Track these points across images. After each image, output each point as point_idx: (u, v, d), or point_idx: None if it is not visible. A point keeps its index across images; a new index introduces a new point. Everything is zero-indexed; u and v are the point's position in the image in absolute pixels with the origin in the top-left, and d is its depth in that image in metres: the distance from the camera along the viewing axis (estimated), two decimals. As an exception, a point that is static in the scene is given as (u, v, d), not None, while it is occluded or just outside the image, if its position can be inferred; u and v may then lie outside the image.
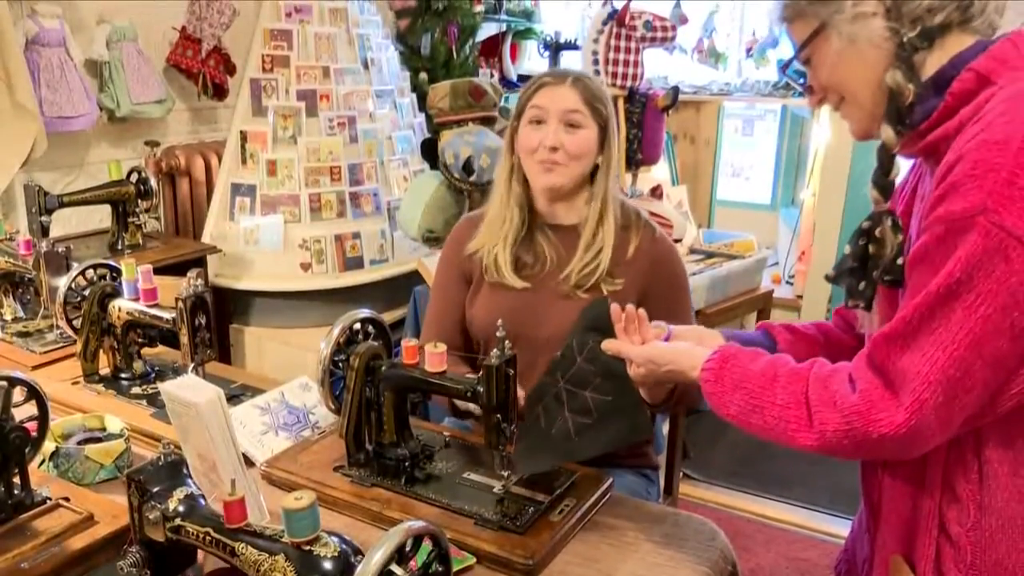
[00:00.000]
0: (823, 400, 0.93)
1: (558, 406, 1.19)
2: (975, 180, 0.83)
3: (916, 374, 0.86)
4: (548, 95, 1.48)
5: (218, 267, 2.87)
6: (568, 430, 1.18)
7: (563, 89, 1.47)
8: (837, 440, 0.91)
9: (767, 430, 0.97)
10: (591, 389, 1.17)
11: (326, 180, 2.89)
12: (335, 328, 1.29)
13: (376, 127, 3.05)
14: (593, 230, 1.49)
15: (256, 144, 2.90)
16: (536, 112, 1.48)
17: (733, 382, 1.00)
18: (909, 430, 0.86)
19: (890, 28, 0.93)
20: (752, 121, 4.43)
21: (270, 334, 2.90)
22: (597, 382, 1.16)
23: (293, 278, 2.86)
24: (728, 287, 3.07)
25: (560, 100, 1.47)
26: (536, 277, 1.52)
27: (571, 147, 1.46)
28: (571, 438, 1.18)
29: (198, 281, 1.47)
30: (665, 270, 1.52)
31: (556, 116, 1.46)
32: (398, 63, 3.34)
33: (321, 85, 2.92)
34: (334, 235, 2.88)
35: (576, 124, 1.47)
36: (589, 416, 1.17)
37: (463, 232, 1.60)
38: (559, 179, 1.47)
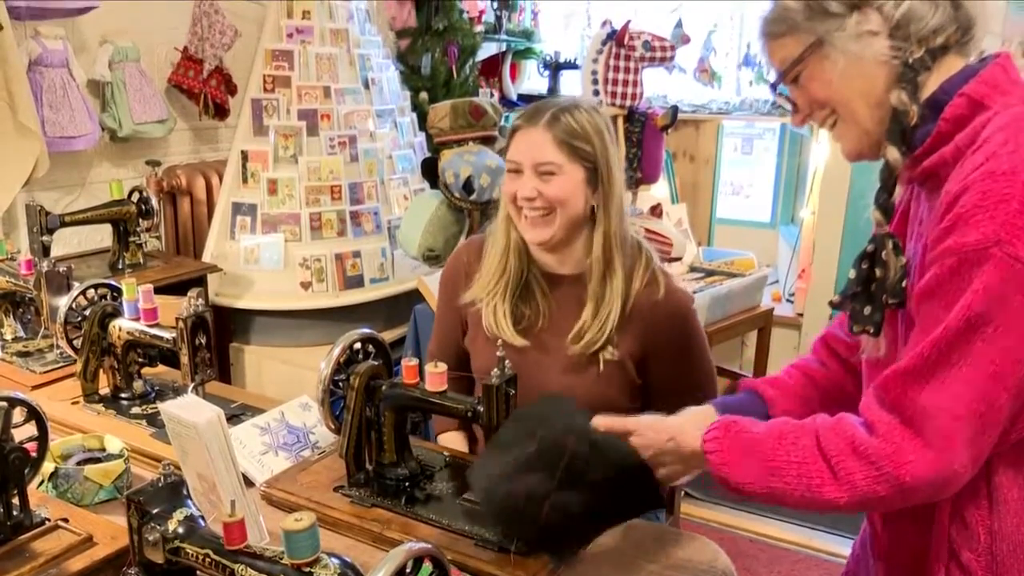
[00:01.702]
0: (840, 449, 0.90)
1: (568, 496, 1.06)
2: (986, 211, 0.83)
3: (940, 410, 0.85)
4: (521, 143, 1.39)
5: (218, 286, 2.88)
6: (586, 515, 1.07)
7: (535, 134, 1.36)
8: (870, 489, 0.88)
9: (790, 493, 0.92)
10: (593, 472, 1.05)
11: (327, 199, 2.90)
12: (335, 347, 1.30)
13: (377, 146, 3.06)
14: (599, 285, 1.38)
15: (257, 163, 2.91)
16: (512, 165, 1.40)
17: (742, 449, 0.96)
18: (943, 467, 0.85)
19: (894, 47, 0.91)
20: (751, 140, 4.45)
21: (270, 353, 2.89)
22: (598, 467, 1.06)
23: (293, 297, 2.86)
24: (728, 305, 3.07)
25: (531, 148, 1.37)
26: (533, 333, 1.44)
27: (549, 195, 1.36)
28: (588, 524, 1.09)
29: (198, 300, 1.47)
30: (668, 337, 1.40)
31: (529, 167, 1.37)
32: (398, 83, 3.36)
33: (322, 105, 2.94)
34: (334, 254, 2.89)
35: (550, 172, 1.36)
36: (604, 503, 1.07)
37: (459, 266, 1.54)
38: (546, 232, 1.38)
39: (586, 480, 1.05)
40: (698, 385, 1.39)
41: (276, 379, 2.84)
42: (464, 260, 1.56)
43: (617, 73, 3.02)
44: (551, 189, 1.37)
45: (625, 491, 1.07)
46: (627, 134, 3.23)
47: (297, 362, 2.80)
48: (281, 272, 2.86)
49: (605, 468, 1.05)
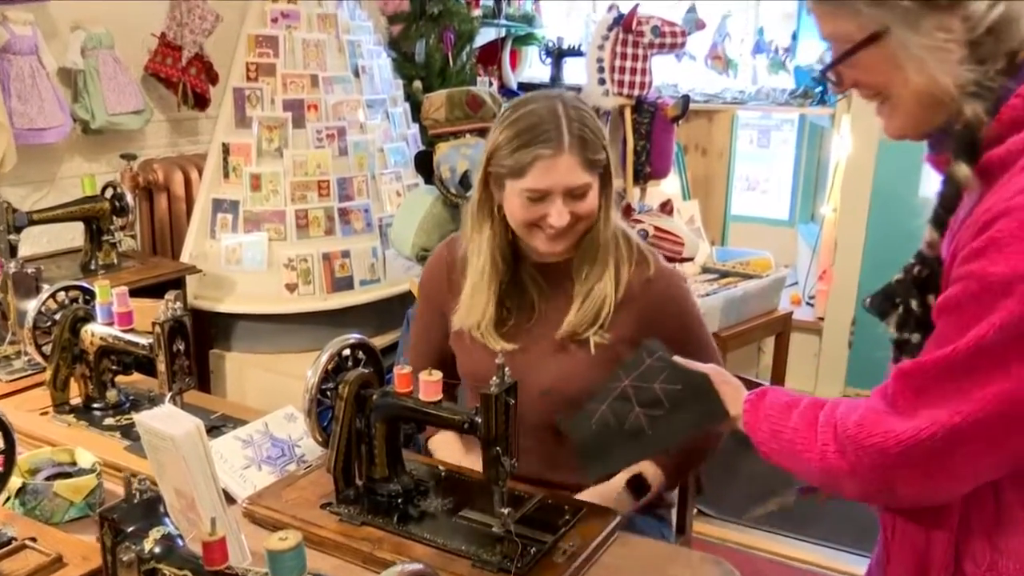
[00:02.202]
0: (827, 421, 1.00)
1: (626, 404, 1.21)
2: (1021, 242, 0.82)
3: (925, 416, 0.90)
4: (548, 172, 1.35)
5: (198, 288, 2.88)
6: (641, 425, 1.20)
7: (564, 161, 1.34)
8: (836, 460, 0.97)
9: (782, 454, 1.06)
10: (660, 382, 1.20)
11: (313, 195, 2.91)
12: (323, 354, 1.30)
13: (367, 139, 3.07)
14: (593, 280, 1.43)
15: (239, 157, 2.91)
16: (535, 194, 1.36)
17: (764, 412, 1.10)
18: (911, 442, 0.90)
19: (974, 55, 0.89)
20: (768, 131, 4.45)
21: (253, 360, 2.90)
22: (664, 375, 1.21)
23: (278, 300, 2.87)
24: (744, 309, 3.07)
25: (562, 176, 1.35)
26: (522, 331, 1.46)
27: (583, 212, 1.38)
28: (645, 432, 1.20)
29: (176, 304, 1.48)
30: (664, 315, 1.44)
31: (559, 193, 1.36)
32: (391, 71, 3.37)
33: (309, 94, 2.95)
34: (322, 254, 2.89)
35: (583, 193, 1.38)
36: (660, 407, 1.20)
37: (440, 266, 1.55)
38: (566, 243, 1.41)
39: (654, 383, 1.20)
40: (708, 359, 1.40)
41: (259, 388, 2.84)
42: (445, 260, 1.56)
43: (624, 61, 3.02)
44: (583, 207, 1.39)
45: (690, 401, 1.19)
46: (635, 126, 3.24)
47: (282, 370, 2.80)
48: (265, 273, 2.86)
49: (672, 377, 1.20)
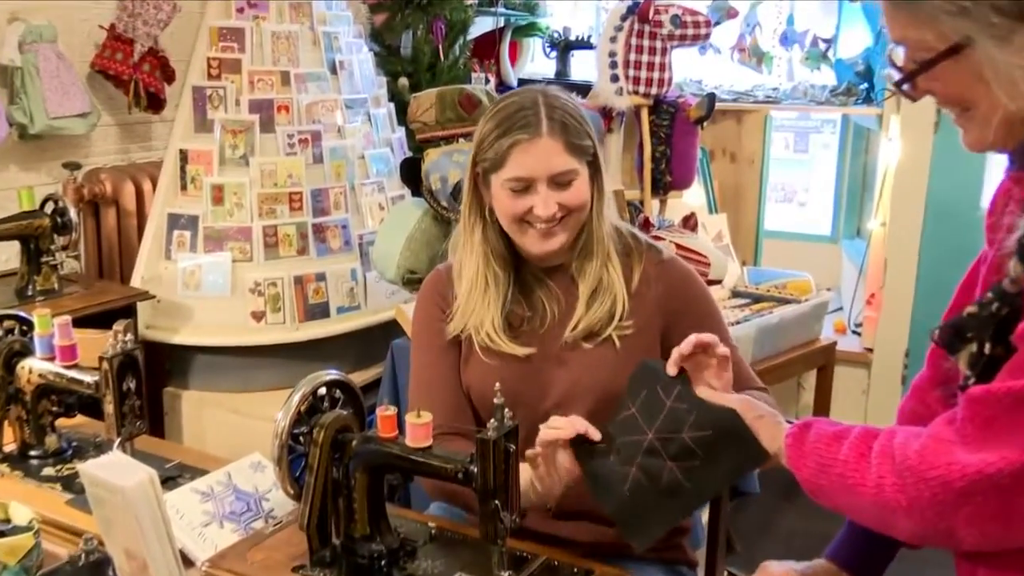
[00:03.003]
0: (883, 451, 1.02)
1: (655, 460, 1.24)
2: None
3: (994, 449, 0.91)
4: (528, 159, 1.44)
5: (151, 317, 2.89)
6: (678, 480, 1.23)
7: (543, 144, 1.44)
8: (893, 493, 0.98)
9: (832, 490, 1.08)
10: (688, 429, 1.23)
11: (284, 209, 2.92)
12: (295, 393, 1.30)
13: (346, 145, 3.09)
14: (597, 276, 1.50)
15: (199, 166, 2.93)
16: (518, 183, 1.45)
17: (811, 446, 1.12)
18: (976, 477, 0.91)
19: None
20: (806, 134, 4.49)
21: (214, 400, 2.89)
22: (692, 419, 1.23)
23: (242, 330, 2.87)
24: (780, 339, 3.07)
25: (544, 161, 1.44)
26: (536, 335, 1.52)
27: (571, 202, 1.46)
28: (683, 486, 1.23)
29: (126, 336, 1.48)
30: (685, 296, 1.53)
31: (543, 180, 1.44)
32: (373, 67, 3.39)
33: (279, 94, 2.97)
34: (293, 277, 2.90)
35: (568, 180, 1.46)
36: (694, 458, 1.23)
37: (439, 289, 1.59)
38: (558, 241, 1.48)
39: (681, 433, 1.22)
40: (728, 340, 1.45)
41: (221, 432, 2.84)
42: (444, 280, 1.59)
43: (640, 55, 3.05)
44: (571, 197, 1.46)
45: (725, 445, 1.22)
46: (653, 129, 3.27)
47: (247, 411, 2.80)
48: (228, 300, 2.87)
49: (701, 422, 1.22)
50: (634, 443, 1.25)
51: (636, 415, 1.26)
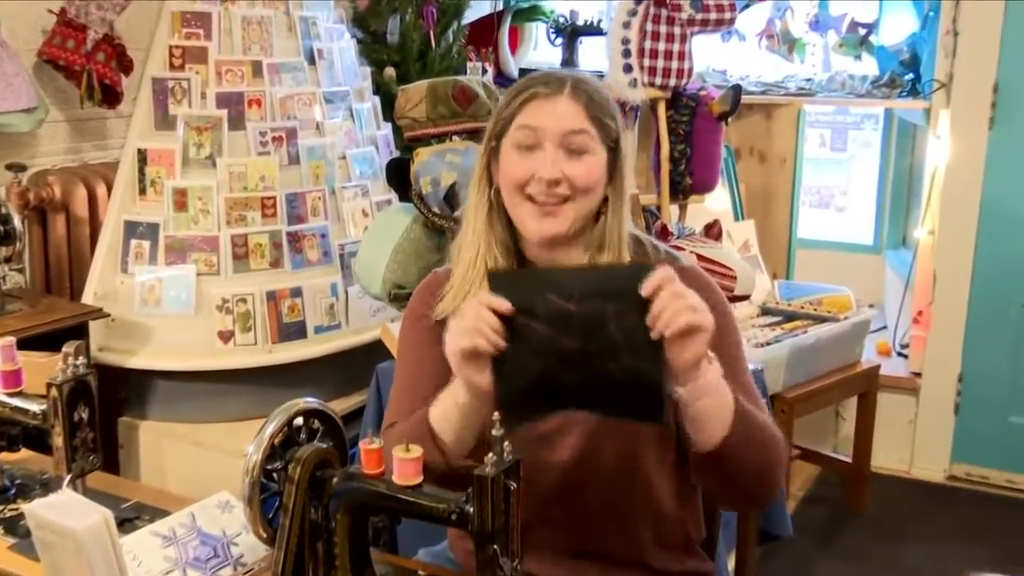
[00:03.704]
0: None
1: (566, 368, 1.32)
2: None
3: None
4: (542, 111, 1.49)
5: (105, 338, 2.89)
6: (574, 390, 1.33)
7: (561, 102, 1.49)
8: None
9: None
10: (613, 362, 1.31)
11: (255, 216, 2.93)
12: (268, 424, 1.30)
13: (325, 143, 3.10)
14: None
15: (160, 167, 2.94)
16: (526, 134, 1.49)
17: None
18: None
19: None
20: (844, 131, 4.51)
21: (176, 431, 2.89)
22: (624, 358, 1.31)
23: (208, 353, 2.87)
24: (816, 362, 3.08)
25: (559, 117, 1.48)
26: None
27: (579, 179, 1.48)
28: (574, 397, 1.34)
29: (78, 359, 1.48)
30: (710, 303, 1.50)
31: (554, 139, 1.47)
32: (356, 56, 3.41)
33: (250, 87, 2.98)
34: (266, 292, 2.90)
35: (581, 149, 1.48)
36: (601, 384, 1.33)
37: (434, 291, 1.61)
38: (561, 225, 1.49)
39: (606, 361, 1.31)
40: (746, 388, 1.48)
41: (184, 468, 2.84)
42: (444, 280, 1.60)
43: (657, 42, 3.07)
44: (580, 170, 1.48)
45: (632, 392, 1.32)
46: (671, 125, 3.27)
47: (213, 444, 2.80)
48: (191, 318, 2.87)
49: (626, 363, 1.31)
50: (554, 341, 1.31)
51: (574, 315, 1.32)
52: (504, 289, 1.34)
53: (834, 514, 3.46)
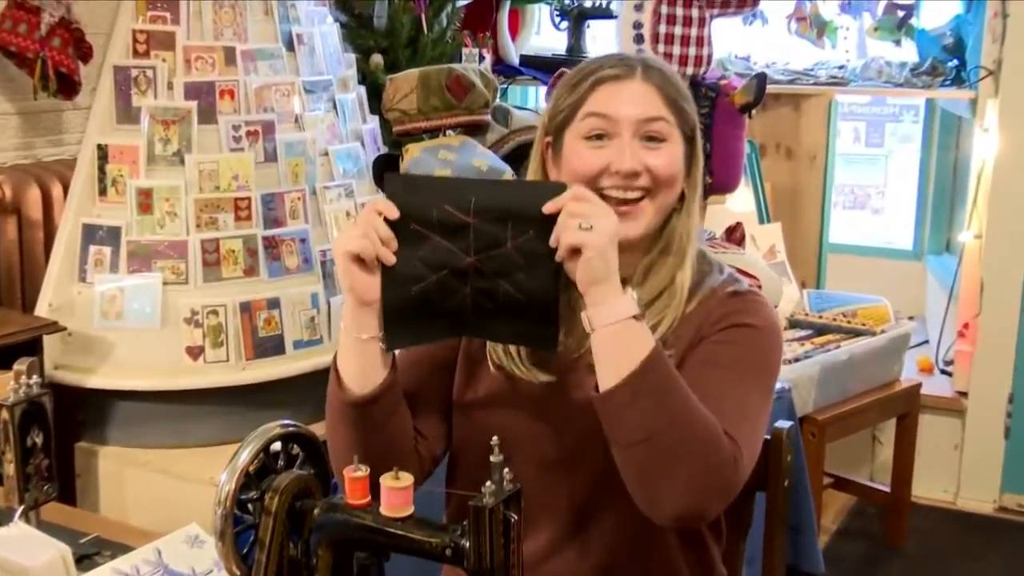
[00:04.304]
0: None
1: (459, 282, 1.40)
2: None
3: None
4: (613, 96, 1.50)
5: (61, 355, 2.89)
6: (465, 308, 1.41)
7: (634, 85, 1.50)
8: None
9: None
10: (507, 281, 1.39)
11: (228, 219, 2.93)
12: (242, 450, 1.31)
13: (305, 138, 3.10)
14: (669, 276, 1.52)
15: (122, 165, 2.94)
16: (597, 123, 1.49)
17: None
18: None
19: None
20: (881, 124, 4.52)
21: (139, 458, 2.89)
22: (519, 276, 1.38)
23: (176, 371, 2.87)
24: (850, 380, 3.08)
25: (634, 102, 1.49)
26: (563, 360, 1.52)
27: (661, 169, 1.48)
28: (465, 315, 1.42)
29: (31, 378, 1.49)
30: (727, 325, 1.50)
31: (630, 127, 1.48)
32: (339, 42, 3.41)
33: (222, 76, 2.98)
34: (239, 304, 2.91)
35: (660, 136, 1.49)
36: (493, 302, 1.40)
37: None
38: (639, 227, 1.49)
39: (501, 280, 1.39)
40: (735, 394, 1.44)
41: (149, 498, 2.84)
42: None
43: (673, 26, 3.07)
44: (661, 160, 1.48)
45: (525, 316, 1.39)
46: (689, 117, 3.28)
47: (181, 472, 2.79)
48: (157, 332, 2.87)
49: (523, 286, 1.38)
50: (450, 252, 1.38)
51: (471, 229, 1.37)
52: (399, 193, 1.40)
53: (870, 549, 3.46)
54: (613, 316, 1.34)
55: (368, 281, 1.38)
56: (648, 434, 1.33)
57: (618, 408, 1.35)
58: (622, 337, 1.35)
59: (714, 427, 1.36)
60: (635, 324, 1.35)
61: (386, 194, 1.40)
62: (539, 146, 1.58)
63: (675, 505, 1.35)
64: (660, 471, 1.34)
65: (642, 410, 1.33)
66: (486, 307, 1.40)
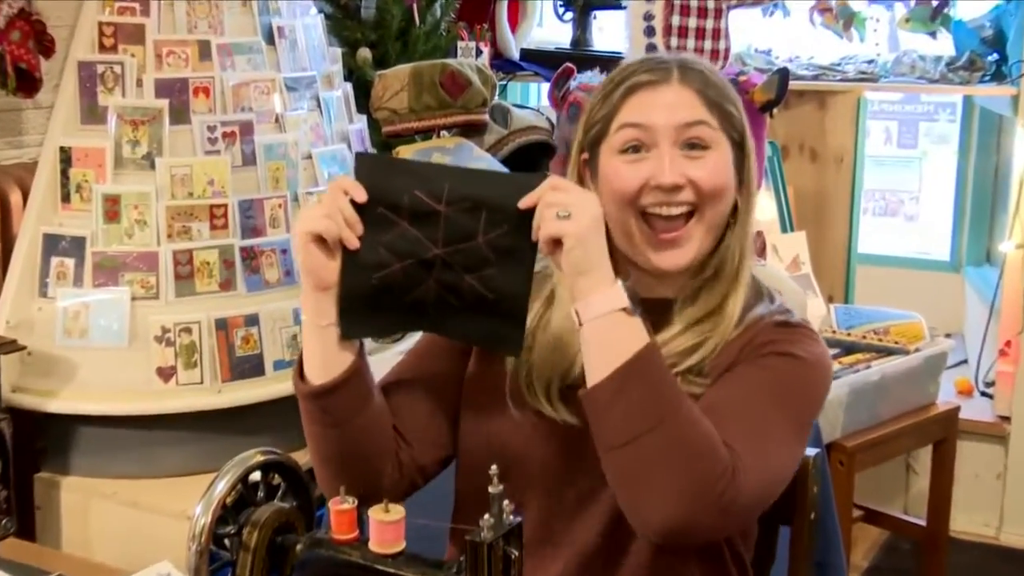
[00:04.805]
0: None
1: (424, 274, 1.43)
2: None
3: None
4: (648, 103, 1.49)
5: (20, 376, 2.89)
6: (427, 301, 1.44)
7: (671, 90, 1.50)
8: None
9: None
10: (475, 277, 1.41)
11: (203, 228, 2.93)
12: (219, 480, 1.31)
13: (287, 140, 3.10)
14: (718, 299, 1.51)
15: (87, 169, 2.94)
16: (632, 133, 1.49)
17: None
18: None
19: None
20: (914, 123, 4.52)
21: (105, 489, 2.88)
22: (488, 272, 1.41)
23: (145, 394, 2.87)
24: (881, 404, 3.08)
25: (671, 108, 1.48)
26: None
27: (705, 180, 1.47)
28: (426, 309, 1.45)
29: (-11, 402, 1.49)
30: (760, 351, 1.50)
31: (669, 135, 1.47)
32: (324, 35, 3.42)
33: (196, 72, 2.99)
34: (215, 320, 2.91)
35: (703, 143, 1.48)
36: (458, 299, 1.44)
37: None
38: (686, 255, 1.49)
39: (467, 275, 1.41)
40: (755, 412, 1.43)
41: (116, 533, 2.83)
42: None
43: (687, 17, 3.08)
44: (705, 170, 1.47)
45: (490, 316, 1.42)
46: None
47: (151, 505, 2.79)
48: (125, 352, 2.87)
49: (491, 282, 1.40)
50: (416, 241, 1.41)
51: (441, 217, 1.40)
52: (368, 174, 1.44)
53: (905, 588, 3.46)
54: (600, 309, 1.35)
55: (327, 264, 1.41)
56: (632, 436, 1.33)
57: (602, 407, 1.35)
58: (610, 331, 1.35)
59: (709, 436, 1.35)
60: (624, 317, 1.35)
61: (355, 175, 1.43)
62: (575, 164, 1.58)
63: (660, 516, 1.33)
64: (645, 477, 1.34)
65: (626, 410, 1.34)
66: (450, 303, 1.43)
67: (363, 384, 1.50)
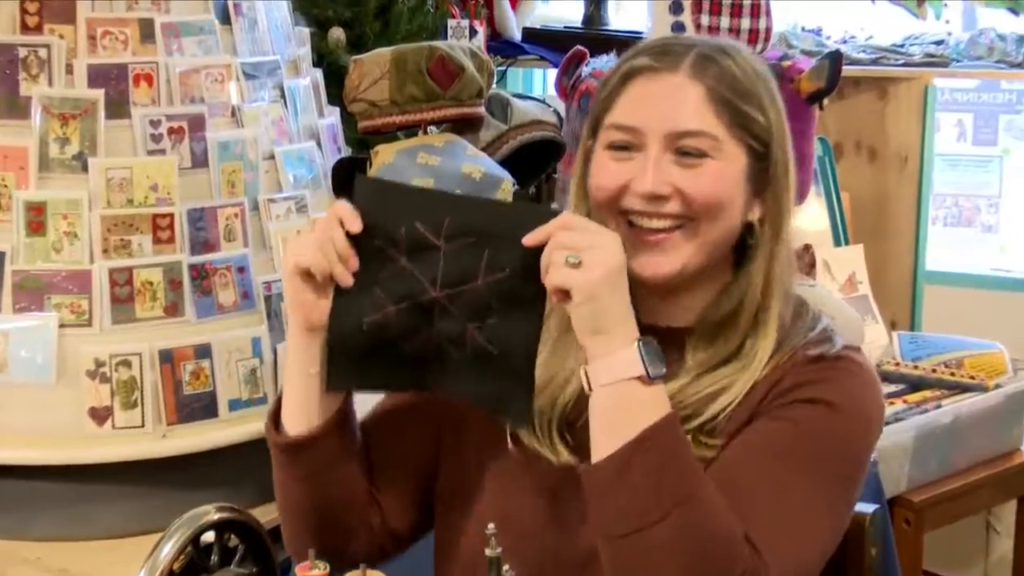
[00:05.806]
0: None
1: (422, 320, 1.45)
2: None
3: None
4: (643, 97, 1.52)
5: (-75, 418, 2.90)
6: (427, 354, 1.47)
7: (673, 83, 1.51)
8: None
9: None
10: (476, 326, 1.43)
11: (145, 242, 2.94)
12: (164, 542, 1.32)
13: (244, 136, 3.11)
14: (734, 346, 1.53)
15: (6, 172, 2.95)
16: (617, 135, 1.52)
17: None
18: None
19: None
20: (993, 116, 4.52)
21: (27, 553, 2.89)
22: (492, 322, 1.42)
23: (76, 439, 2.87)
24: (955, 450, 3.08)
25: (666, 108, 1.51)
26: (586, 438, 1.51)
27: (695, 192, 1.49)
28: (423, 365, 1.48)
29: None
30: (785, 398, 1.51)
31: (659, 137, 1.49)
32: (289, 12, 3.43)
33: (137, 56, 3.00)
34: (159, 352, 2.91)
35: (698, 151, 1.50)
36: (458, 351, 1.45)
37: None
38: (671, 263, 1.51)
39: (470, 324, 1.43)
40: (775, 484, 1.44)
41: (38, 607, 2.84)
42: None
43: (720, -9, 3.10)
44: (698, 182, 1.49)
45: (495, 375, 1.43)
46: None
47: (83, 571, 2.80)
48: (51, 389, 2.88)
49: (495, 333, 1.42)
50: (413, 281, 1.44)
51: (440, 255, 1.42)
52: (367, 201, 1.45)
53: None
54: (610, 376, 1.36)
55: (317, 302, 1.43)
56: (635, 527, 1.34)
57: (603, 488, 1.37)
58: (620, 401, 1.36)
59: (729, 531, 1.36)
60: (638, 387, 1.36)
61: (353, 201, 1.43)
62: (581, 155, 1.61)
63: None
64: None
65: (631, 495, 1.34)
66: (450, 355, 1.44)
67: (346, 435, 1.52)
